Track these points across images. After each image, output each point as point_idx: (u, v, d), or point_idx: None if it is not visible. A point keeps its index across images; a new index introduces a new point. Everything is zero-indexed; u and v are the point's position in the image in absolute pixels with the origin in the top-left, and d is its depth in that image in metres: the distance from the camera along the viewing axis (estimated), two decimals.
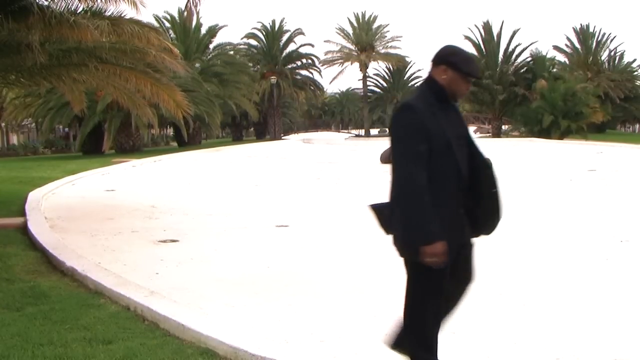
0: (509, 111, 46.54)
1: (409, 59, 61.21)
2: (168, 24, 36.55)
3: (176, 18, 36.28)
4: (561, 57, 55.24)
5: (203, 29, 38.00)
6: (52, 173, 16.49)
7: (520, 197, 10.46)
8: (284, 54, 48.59)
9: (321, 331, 4.15)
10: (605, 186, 12.41)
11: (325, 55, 55.21)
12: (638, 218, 8.68)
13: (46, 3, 8.62)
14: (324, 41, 58.30)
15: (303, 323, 4.34)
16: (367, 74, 58.54)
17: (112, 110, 26.72)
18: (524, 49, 48.23)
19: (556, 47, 56.11)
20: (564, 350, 3.73)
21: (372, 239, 7.24)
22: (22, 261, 6.27)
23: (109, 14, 9.24)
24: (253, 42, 49.06)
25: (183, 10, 12.34)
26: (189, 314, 4.31)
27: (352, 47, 56.27)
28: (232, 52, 41.44)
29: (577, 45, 55.31)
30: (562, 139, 33.82)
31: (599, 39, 55.05)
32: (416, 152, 2.79)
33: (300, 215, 9.49)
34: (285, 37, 48.58)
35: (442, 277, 2.89)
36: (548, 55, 49.55)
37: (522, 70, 47.57)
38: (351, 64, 56.22)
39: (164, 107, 11.70)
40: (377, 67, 61.43)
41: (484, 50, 47.33)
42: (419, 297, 2.96)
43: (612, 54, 56.89)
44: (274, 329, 4.19)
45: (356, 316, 4.48)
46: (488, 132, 48.80)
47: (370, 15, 56.72)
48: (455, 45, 3.08)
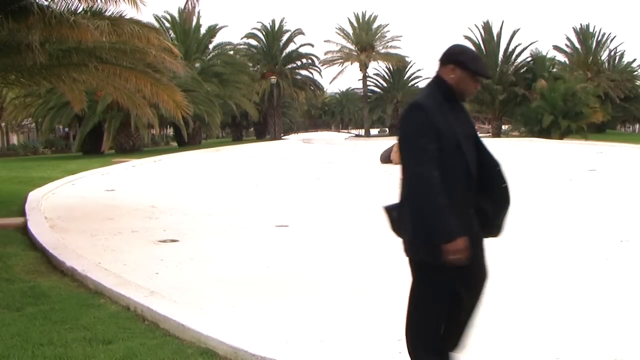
0: (509, 111, 46.57)
1: (409, 59, 61.18)
2: (168, 24, 36.59)
3: (176, 18, 36.30)
4: (561, 57, 55.43)
5: (203, 29, 38.10)
6: (52, 173, 16.50)
7: (520, 197, 10.44)
8: (284, 54, 48.63)
9: (321, 331, 4.15)
10: (605, 186, 12.41)
11: (325, 55, 55.29)
12: (638, 218, 8.68)
13: (46, 3, 8.62)
14: (324, 41, 58.32)
15: (303, 323, 4.34)
16: (367, 74, 58.48)
17: (112, 110, 26.72)
18: (524, 49, 48.44)
19: (556, 47, 56.26)
20: (564, 350, 3.73)
21: (372, 238, 7.25)
22: (22, 261, 6.27)
23: (109, 14, 9.24)
24: (253, 42, 49.16)
25: (182, 10, 12.33)
26: (189, 314, 4.31)
27: (352, 47, 56.21)
28: (232, 52, 41.51)
29: (577, 45, 55.38)
30: (562, 139, 33.81)
31: (599, 39, 55.16)
32: (427, 151, 2.78)
33: (300, 215, 9.49)
34: (285, 37, 48.65)
35: (447, 277, 2.87)
36: (548, 55, 49.71)
37: (522, 70, 47.62)
38: (351, 64, 56.19)
39: (163, 108, 11.69)
40: (377, 67, 61.41)
41: (484, 50, 47.30)
42: (423, 298, 2.95)
43: (612, 54, 57.08)
44: (274, 329, 4.19)
45: (356, 316, 4.48)
46: (488, 132, 48.77)
47: (370, 15, 56.73)
48: (463, 45, 3.07)
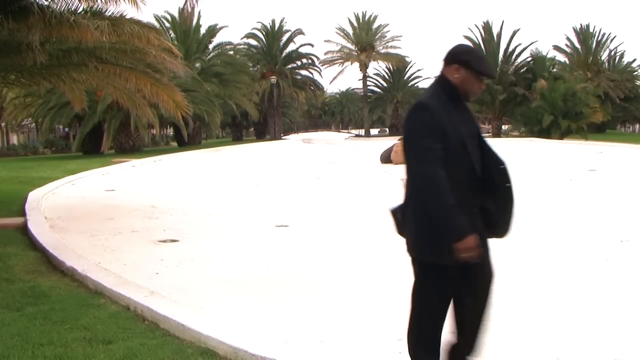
0: (509, 111, 46.56)
1: (409, 59, 61.07)
2: (168, 24, 36.60)
3: (176, 18, 36.30)
4: (561, 57, 55.44)
5: (203, 29, 38.13)
6: (52, 173, 16.50)
7: (520, 197, 10.44)
8: (283, 54, 48.63)
9: (321, 331, 4.15)
10: (605, 186, 12.40)
11: (325, 55, 55.29)
12: (638, 218, 8.68)
13: (46, 3, 8.62)
14: (324, 41, 58.34)
15: (303, 323, 4.34)
16: (367, 74, 58.43)
17: (112, 110, 26.72)
18: (524, 49, 48.48)
19: (556, 47, 56.26)
20: (564, 350, 3.73)
21: (372, 238, 7.25)
22: (22, 261, 6.27)
23: (109, 14, 9.24)
24: (253, 42, 49.17)
25: (182, 9, 12.34)
26: (189, 314, 4.31)
27: (352, 47, 56.19)
28: (232, 52, 41.53)
29: (577, 45, 55.38)
30: (562, 139, 33.79)
31: (599, 39, 55.16)
32: (433, 151, 2.77)
33: (300, 215, 9.49)
34: (285, 37, 48.66)
35: (450, 277, 2.88)
36: (548, 55, 49.75)
37: (522, 70, 47.64)
38: (351, 64, 56.16)
39: (163, 108, 11.69)
40: (377, 67, 61.33)
41: (484, 50, 47.20)
42: (424, 297, 2.95)
43: (612, 54, 57.08)
44: (274, 329, 4.19)
45: (356, 316, 4.48)
46: (488, 132, 48.72)
47: (370, 15, 56.72)
48: (467, 45, 3.07)
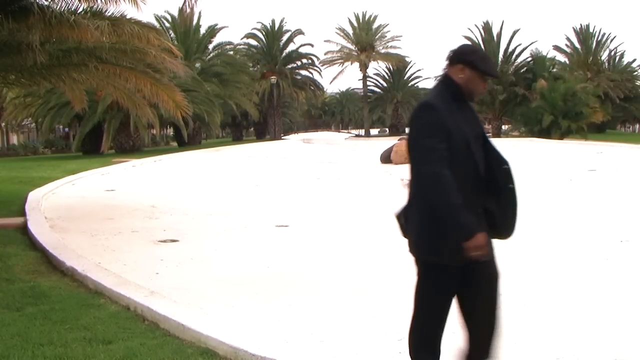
0: (509, 111, 46.56)
1: (409, 59, 61.03)
2: (168, 24, 36.59)
3: (176, 18, 36.27)
4: (561, 57, 55.43)
5: (203, 29, 38.11)
6: (52, 173, 16.50)
7: (520, 197, 10.45)
8: (283, 54, 48.60)
9: (321, 331, 4.15)
10: (605, 186, 12.40)
11: (325, 55, 55.24)
12: (638, 218, 8.68)
13: (46, 3, 8.62)
14: (324, 41, 58.29)
15: (303, 323, 4.34)
16: (367, 74, 58.38)
17: (111, 110, 26.71)
18: (524, 49, 48.47)
19: (556, 47, 56.26)
20: (564, 350, 3.73)
21: (372, 238, 7.25)
22: (22, 261, 6.27)
23: (109, 14, 9.24)
24: (253, 42, 49.13)
25: (181, 8, 12.34)
26: (189, 314, 4.31)
27: (352, 47, 56.16)
28: (232, 52, 41.51)
29: (577, 45, 55.38)
30: (562, 139, 33.77)
31: (599, 39, 55.17)
32: (438, 150, 2.77)
33: (300, 215, 9.49)
34: (285, 37, 48.60)
35: (451, 277, 2.87)
36: (548, 55, 49.76)
37: (522, 70, 47.65)
38: (351, 64, 56.13)
39: (163, 108, 11.69)
40: (377, 67, 61.29)
41: (484, 50, 47.27)
42: (426, 297, 2.95)
43: (612, 54, 57.07)
44: (274, 329, 4.19)
45: (356, 316, 4.48)
46: (488, 132, 48.70)
47: (370, 15, 56.68)
48: (472, 45, 3.07)
